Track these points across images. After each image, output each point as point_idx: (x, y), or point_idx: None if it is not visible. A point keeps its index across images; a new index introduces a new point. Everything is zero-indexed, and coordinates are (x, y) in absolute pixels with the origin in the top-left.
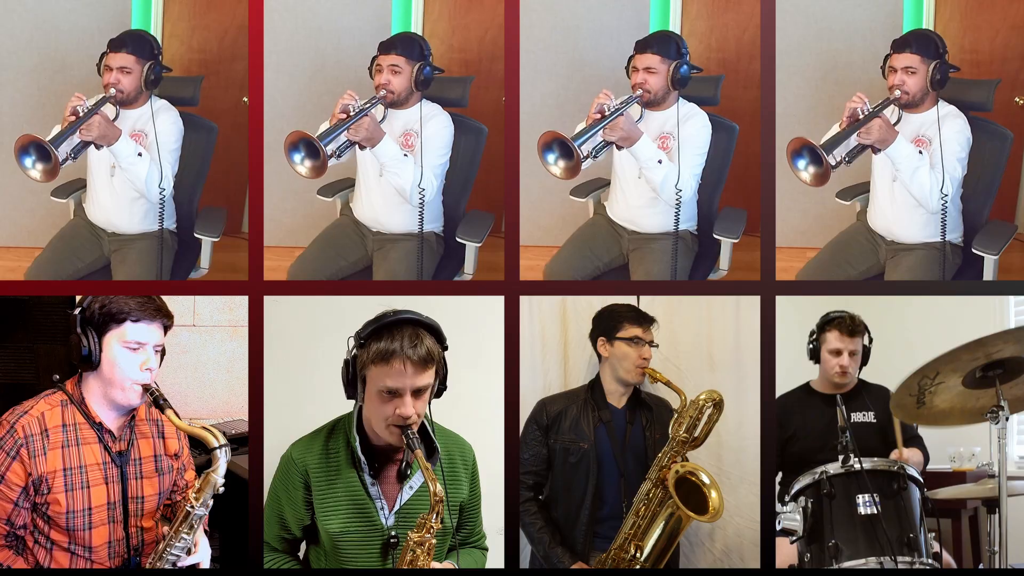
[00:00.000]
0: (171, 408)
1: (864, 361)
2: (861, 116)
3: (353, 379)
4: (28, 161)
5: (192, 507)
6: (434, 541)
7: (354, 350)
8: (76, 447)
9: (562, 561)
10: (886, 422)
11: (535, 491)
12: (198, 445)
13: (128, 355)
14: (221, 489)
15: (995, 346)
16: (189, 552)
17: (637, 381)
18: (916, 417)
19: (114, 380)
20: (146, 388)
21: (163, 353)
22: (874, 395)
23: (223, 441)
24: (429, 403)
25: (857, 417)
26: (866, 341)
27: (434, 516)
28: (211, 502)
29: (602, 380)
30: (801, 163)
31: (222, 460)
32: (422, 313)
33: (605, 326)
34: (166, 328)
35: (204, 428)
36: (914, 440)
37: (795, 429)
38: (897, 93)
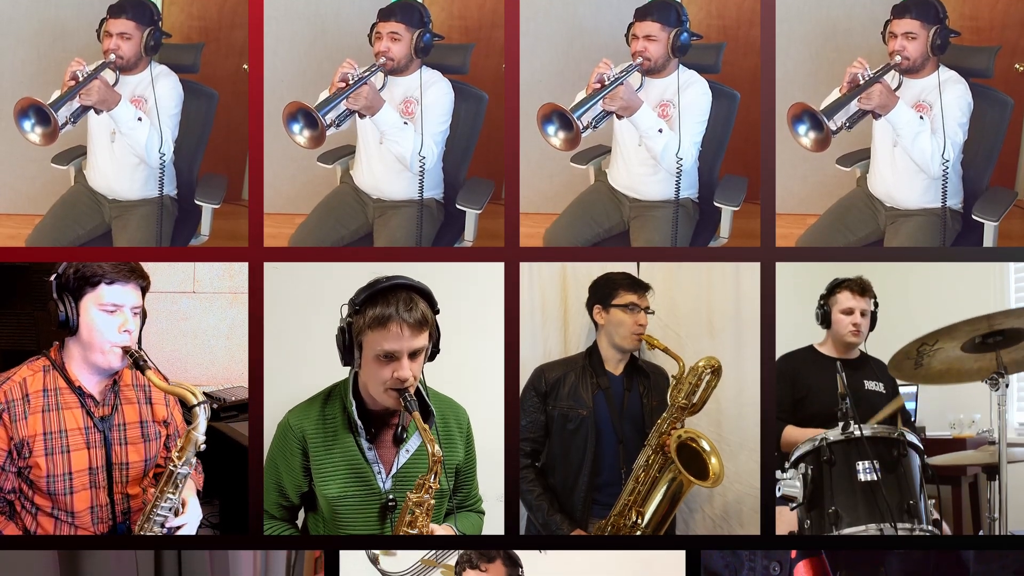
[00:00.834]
0: (151, 369)
1: (872, 326)
2: (862, 81)
3: (349, 345)
4: (27, 124)
5: (175, 466)
6: (433, 502)
7: (349, 317)
8: (56, 411)
9: (561, 528)
10: (895, 393)
11: (532, 458)
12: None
13: (105, 318)
14: (203, 447)
15: (996, 320)
16: (177, 512)
17: (633, 348)
18: (913, 377)
19: (93, 343)
20: (126, 350)
21: (144, 316)
22: (881, 367)
23: (202, 398)
24: (423, 367)
25: (869, 386)
26: (872, 306)
27: (432, 477)
28: (195, 460)
29: (599, 347)
30: (802, 128)
31: (201, 417)
32: (414, 278)
33: (601, 293)
34: (143, 289)
35: (181, 386)
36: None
37: (808, 389)
38: (897, 58)
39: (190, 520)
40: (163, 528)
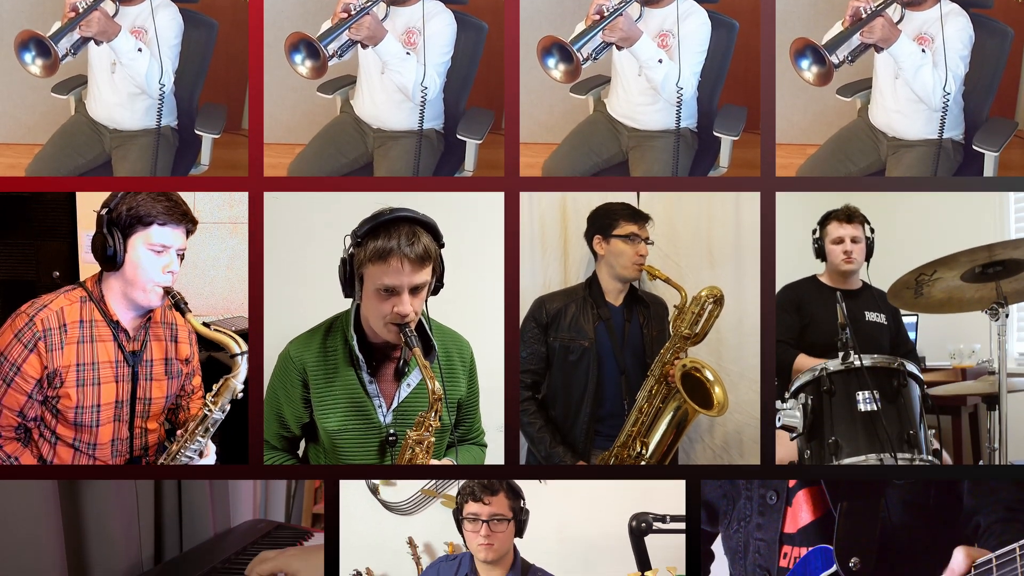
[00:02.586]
0: (191, 312)
1: (869, 253)
2: (864, 15)
3: (350, 278)
4: (28, 56)
5: (210, 411)
6: (433, 440)
7: (351, 249)
8: (91, 343)
9: (563, 461)
10: (897, 324)
11: (533, 390)
12: (202, 342)
13: (152, 257)
14: (240, 395)
15: (996, 250)
16: (201, 455)
17: (634, 278)
18: (913, 306)
19: (136, 281)
20: (167, 291)
21: (183, 257)
22: (883, 297)
23: (244, 348)
24: (426, 301)
25: (870, 316)
26: (868, 232)
27: (432, 414)
28: (228, 407)
29: (599, 278)
30: (804, 63)
31: (243, 366)
32: (418, 211)
33: (600, 224)
34: (189, 233)
35: (224, 332)
36: None
37: (810, 318)
38: None
39: (211, 463)
40: None
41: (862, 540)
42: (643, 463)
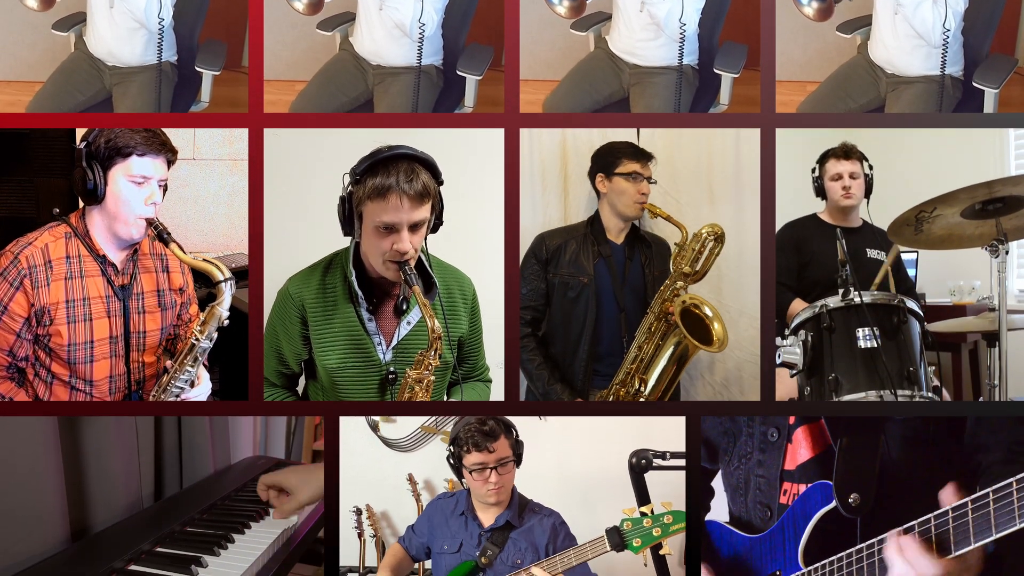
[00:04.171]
0: (175, 242)
1: (868, 190)
2: None
3: (349, 215)
4: None
5: (197, 339)
6: (432, 378)
7: (350, 186)
8: (79, 279)
9: (561, 398)
10: (897, 261)
11: (533, 327)
12: (199, 278)
13: (133, 189)
14: (226, 322)
15: (996, 187)
16: (192, 384)
17: (636, 216)
18: (914, 242)
19: (118, 214)
20: (150, 222)
21: (166, 188)
22: (883, 235)
23: (228, 274)
24: (426, 238)
25: (871, 254)
26: (866, 168)
27: (432, 353)
28: (215, 335)
29: (601, 216)
30: None
31: (227, 293)
32: (418, 148)
33: (603, 162)
34: (170, 163)
35: (208, 261)
36: None
37: (811, 256)
38: None
39: (204, 392)
40: (178, 399)
41: (861, 476)
42: (642, 400)
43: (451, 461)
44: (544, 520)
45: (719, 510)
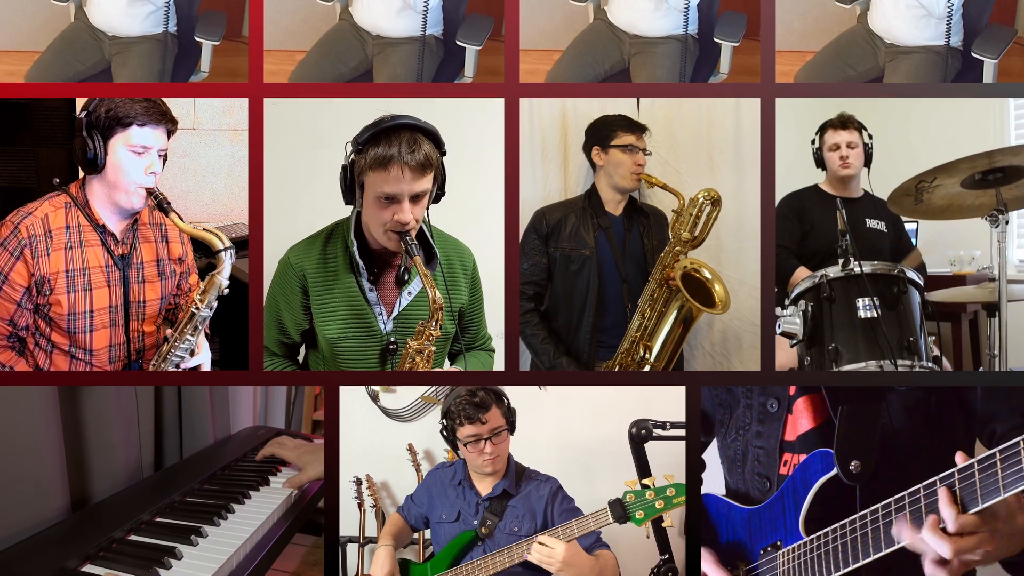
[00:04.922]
0: (175, 212)
1: (868, 160)
2: None
3: (351, 184)
4: None
5: (197, 308)
6: (433, 349)
7: (352, 156)
8: (79, 249)
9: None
10: (897, 231)
11: (536, 302)
12: (199, 248)
13: (133, 159)
14: (226, 291)
15: (996, 157)
16: (192, 353)
17: (633, 187)
18: (913, 212)
19: (119, 184)
20: (150, 192)
21: (166, 157)
22: (883, 205)
23: (227, 243)
24: (428, 208)
25: (871, 224)
26: (865, 138)
27: (433, 323)
28: (215, 304)
29: (598, 189)
30: None
31: (227, 262)
32: (420, 118)
33: (599, 135)
34: (170, 133)
35: (208, 230)
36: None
37: (813, 224)
38: None
39: (203, 361)
40: (178, 368)
41: (862, 444)
42: (647, 368)
43: (444, 434)
44: (541, 486)
45: (711, 483)
